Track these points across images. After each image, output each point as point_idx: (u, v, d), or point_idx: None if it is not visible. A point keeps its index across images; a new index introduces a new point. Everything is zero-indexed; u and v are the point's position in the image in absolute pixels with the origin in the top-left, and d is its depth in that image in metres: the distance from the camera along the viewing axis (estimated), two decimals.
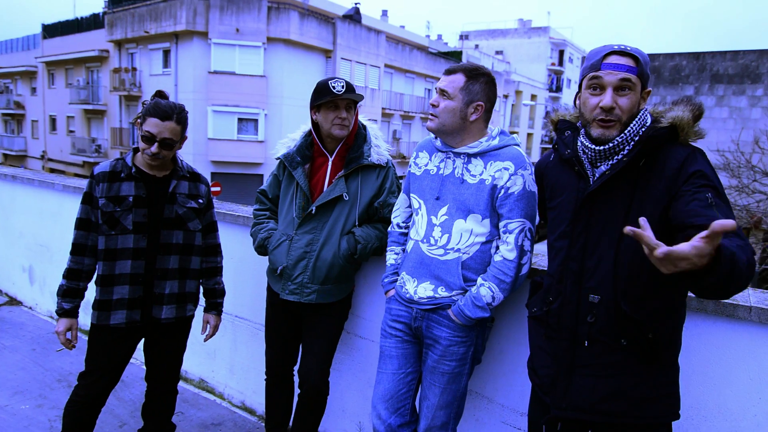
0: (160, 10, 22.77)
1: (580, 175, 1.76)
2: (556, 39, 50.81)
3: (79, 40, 29.18)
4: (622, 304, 1.62)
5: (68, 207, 4.51)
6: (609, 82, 1.62)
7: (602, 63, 1.63)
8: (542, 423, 1.81)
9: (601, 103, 1.63)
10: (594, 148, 1.70)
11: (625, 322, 1.63)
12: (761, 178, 12.61)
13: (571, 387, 1.72)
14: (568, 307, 1.74)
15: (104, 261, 2.36)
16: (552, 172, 1.91)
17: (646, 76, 1.66)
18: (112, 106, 26.97)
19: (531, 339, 1.96)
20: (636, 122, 1.67)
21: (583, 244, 1.71)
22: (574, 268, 1.73)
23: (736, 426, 1.95)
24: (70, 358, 3.89)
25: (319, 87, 2.46)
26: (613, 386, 1.66)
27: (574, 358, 1.72)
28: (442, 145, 2.19)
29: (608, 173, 1.66)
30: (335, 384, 2.86)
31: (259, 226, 2.67)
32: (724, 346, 1.96)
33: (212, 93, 22.19)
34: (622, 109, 1.63)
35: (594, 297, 1.68)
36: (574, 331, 1.72)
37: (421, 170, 2.27)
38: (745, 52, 14.55)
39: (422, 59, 31.66)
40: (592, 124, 1.68)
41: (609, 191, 1.67)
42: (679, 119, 1.63)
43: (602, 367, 1.67)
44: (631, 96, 1.63)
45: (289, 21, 22.54)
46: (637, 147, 1.63)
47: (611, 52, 1.64)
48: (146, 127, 2.30)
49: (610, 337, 1.66)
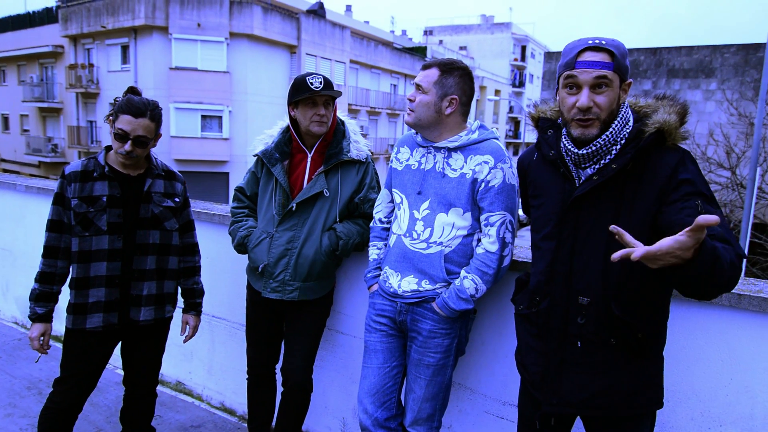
0: (117, 4, 22.10)
1: (565, 177, 1.72)
2: (518, 35, 51.59)
3: (32, 35, 28.05)
4: (613, 307, 1.62)
5: (32, 209, 4.35)
6: (584, 81, 1.58)
7: (576, 61, 1.59)
8: (536, 419, 1.81)
9: (578, 104, 1.59)
10: (578, 153, 1.66)
11: (616, 323, 1.63)
12: (716, 169, 13.13)
13: (562, 384, 1.72)
14: (557, 309, 1.73)
15: (78, 263, 2.29)
16: (536, 171, 1.87)
17: (624, 69, 1.61)
18: (69, 104, 26.05)
19: (519, 335, 1.94)
20: (618, 122, 1.63)
21: (571, 247, 1.69)
22: (562, 270, 1.71)
23: (710, 407, 2.04)
24: (39, 365, 3.76)
25: (297, 83, 2.43)
26: (604, 383, 1.67)
27: (563, 356, 1.72)
28: (422, 140, 2.21)
29: (596, 179, 1.63)
30: (318, 381, 2.85)
31: (238, 224, 2.64)
32: (696, 330, 2.04)
33: (174, 90, 21.68)
34: (600, 107, 1.59)
35: (583, 299, 1.66)
36: (563, 331, 1.71)
37: (403, 165, 2.28)
38: (700, 47, 15.08)
39: (387, 55, 31.70)
40: (572, 123, 1.64)
41: (596, 195, 1.65)
42: (667, 124, 1.59)
43: (592, 365, 1.68)
44: (609, 93, 1.58)
45: (252, 16, 22.21)
46: (627, 154, 1.60)
47: (585, 48, 1.58)
48: (119, 124, 2.24)
49: (599, 337, 1.66)
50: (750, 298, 1.93)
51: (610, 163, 1.62)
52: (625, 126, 1.65)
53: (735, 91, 14.30)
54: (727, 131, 13.31)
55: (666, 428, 2.10)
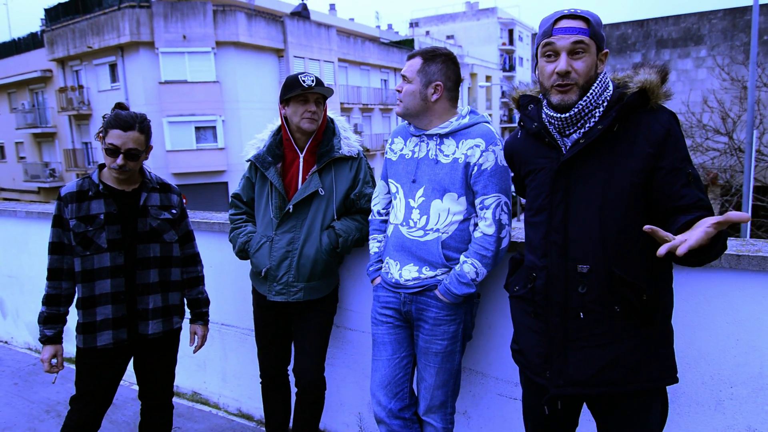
0: (102, 23, 22.07)
1: (551, 145, 1.73)
2: (504, 19, 51.36)
3: (19, 62, 28.07)
4: (615, 270, 1.61)
5: (34, 234, 4.37)
6: (562, 46, 1.61)
7: (553, 28, 1.63)
8: (543, 404, 1.76)
9: (557, 68, 1.62)
10: (559, 117, 1.67)
11: (619, 287, 1.61)
12: (713, 135, 13.10)
13: (567, 362, 1.68)
14: (556, 281, 1.69)
15: (83, 283, 2.32)
16: (522, 149, 1.86)
17: (600, 37, 1.64)
18: (63, 128, 26.10)
19: (515, 319, 1.90)
20: (597, 86, 1.64)
21: (563, 214, 1.68)
22: (557, 240, 1.68)
23: (719, 369, 2.05)
24: (56, 388, 3.79)
25: (289, 81, 2.46)
26: (610, 354, 1.64)
27: (566, 332, 1.68)
28: (414, 129, 2.23)
29: (583, 142, 1.63)
30: (331, 379, 2.87)
31: (237, 231, 2.65)
32: (699, 294, 2.05)
33: (165, 104, 21.68)
34: (578, 72, 1.61)
35: (583, 267, 1.64)
36: (564, 304, 1.68)
37: (397, 155, 2.31)
38: (686, 15, 15.03)
39: (375, 50, 31.63)
40: (551, 91, 1.66)
41: (585, 159, 1.65)
42: (648, 82, 1.61)
43: (597, 337, 1.64)
44: (586, 58, 1.62)
45: (236, 23, 22.18)
46: (612, 114, 1.61)
47: (562, 16, 1.63)
48: (109, 139, 2.25)
49: (603, 306, 1.63)
50: (749, 258, 1.94)
51: (596, 125, 1.63)
52: (605, 90, 1.67)
53: (725, 56, 14.25)
54: (721, 97, 13.27)
55: (678, 395, 2.12)
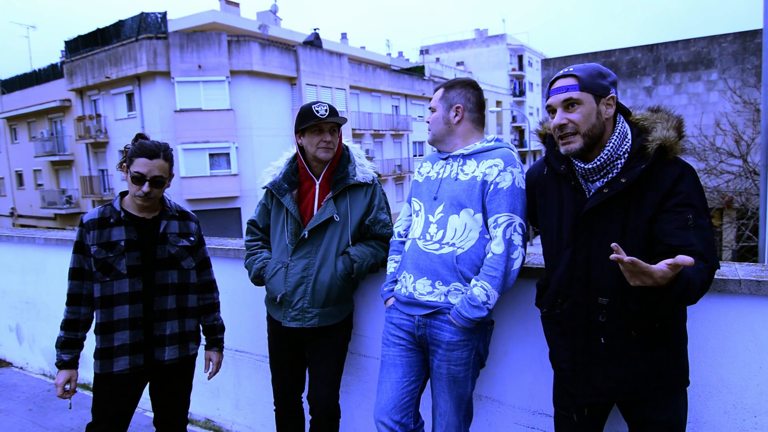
0: (120, 54, 22.68)
1: (576, 189, 1.89)
2: (513, 45, 51.95)
3: (39, 92, 28.83)
4: (630, 304, 1.75)
5: (52, 261, 4.44)
6: (555, 104, 1.85)
7: (550, 90, 1.87)
8: (572, 412, 1.97)
9: (554, 123, 1.85)
10: (584, 167, 1.84)
11: (634, 318, 1.77)
12: (727, 158, 13.01)
13: (592, 376, 1.88)
14: (579, 309, 1.88)
15: (101, 308, 2.35)
16: (546, 184, 2.03)
17: (597, 86, 1.79)
18: (80, 155, 26.62)
19: (547, 336, 2.08)
20: (616, 137, 1.80)
21: (586, 254, 1.85)
22: (580, 275, 1.87)
23: (742, 398, 2.01)
24: (70, 414, 3.80)
25: (303, 111, 2.51)
26: (630, 371, 1.82)
27: (591, 351, 1.87)
28: (441, 153, 2.34)
29: (607, 192, 1.79)
30: (345, 406, 2.85)
31: (253, 257, 2.68)
32: (718, 321, 2.03)
33: (180, 131, 22.08)
34: (575, 122, 1.80)
35: (603, 300, 1.82)
36: (587, 329, 1.87)
37: (423, 177, 2.39)
38: (696, 39, 15.09)
39: (386, 77, 32.05)
40: (558, 142, 1.88)
41: (606, 206, 1.81)
42: (667, 140, 1.75)
43: (617, 357, 1.83)
44: (581, 109, 1.79)
45: (250, 53, 22.65)
46: (635, 169, 1.75)
47: (556, 78, 1.86)
48: (134, 168, 2.31)
49: (621, 332, 1.81)
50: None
51: (619, 177, 1.79)
52: (624, 140, 1.82)
53: (737, 79, 14.23)
54: (734, 119, 13.21)
55: (699, 423, 2.07)
